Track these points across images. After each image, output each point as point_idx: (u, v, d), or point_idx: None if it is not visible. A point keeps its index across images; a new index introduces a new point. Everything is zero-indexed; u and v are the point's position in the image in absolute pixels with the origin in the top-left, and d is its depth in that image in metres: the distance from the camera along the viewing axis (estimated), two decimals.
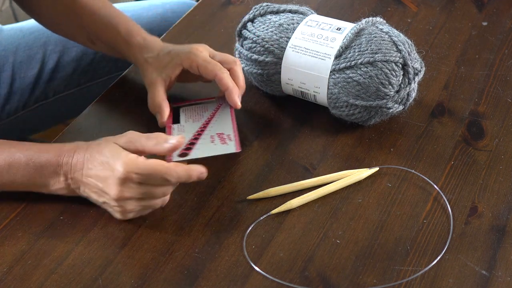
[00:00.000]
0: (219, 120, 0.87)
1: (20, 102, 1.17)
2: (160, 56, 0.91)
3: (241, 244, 0.77)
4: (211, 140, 0.83)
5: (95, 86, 1.21)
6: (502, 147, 0.89)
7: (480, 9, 1.14)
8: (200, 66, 0.88)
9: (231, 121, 0.87)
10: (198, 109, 0.91)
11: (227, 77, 0.87)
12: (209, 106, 0.91)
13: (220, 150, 0.81)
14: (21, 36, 1.19)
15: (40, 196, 0.82)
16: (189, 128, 0.86)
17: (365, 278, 0.74)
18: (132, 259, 0.76)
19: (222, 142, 0.83)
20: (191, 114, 0.90)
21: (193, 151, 0.82)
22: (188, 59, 0.88)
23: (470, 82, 1.00)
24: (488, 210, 0.81)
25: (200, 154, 0.81)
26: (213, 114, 0.89)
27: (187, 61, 0.88)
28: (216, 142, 0.83)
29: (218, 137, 0.84)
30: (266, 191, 0.82)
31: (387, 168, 0.86)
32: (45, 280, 0.74)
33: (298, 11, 0.95)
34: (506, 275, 0.74)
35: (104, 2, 0.99)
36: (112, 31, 0.96)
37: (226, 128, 0.85)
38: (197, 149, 0.82)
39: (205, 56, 0.88)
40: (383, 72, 0.85)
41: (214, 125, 0.86)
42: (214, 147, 0.82)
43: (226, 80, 0.87)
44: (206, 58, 0.88)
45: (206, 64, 0.87)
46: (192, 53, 0.88)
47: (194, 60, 0.88)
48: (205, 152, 0.81)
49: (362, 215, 0.80)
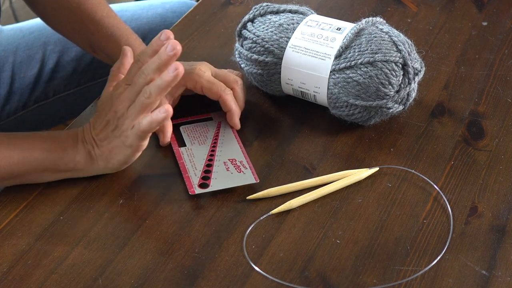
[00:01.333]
0: (226, 143, 0.88)
1: (20, 102, 1.18)
2: None
3: (241, 244, 0.77)
4: (226, 168, 0.84)
5: (95, 86, 1.21)
6: (502, 147, 0.89)
7: (480, 9, 1.14)
8: (205, 88, 0.89)
9: (238, 144, 0.88)
10: (199, 129, 0.91)
11: (230, 99, 0.89)
12: (209, 125, 0.92)
13: (239, 181, 0.83)
14: (20, 36, 1.19)
15: (40, 196, 0.82)
16: (198, 153, 0.87)
17: (365, 278, 0.74)
18: (132, 259, 0.76)
19: (238, 170, 0.84)
20: (194, 134, 0.90)
21: (212, 181, 0.83)
22: (192, 80, 0.89)
23: (470, 82, 1.00)
24: (488, 210, 0.81)
25: (220, 185, 0.82)
26: (217, 134, 0.90)
27: (191, 82, 0.89)
28: (232, 170, 0.84)
29: (231, 164, 0.85)
30: (266, 191, 0.82)
31: (387, 168, 0.86)
32: (45, 280, 0.74)
33: (298, 11, 0.95)
34: (506, 275, 0.74)
35: (108, 11, 0.99)
36: (113, 43, 0.96)
37: (236, 153, 0.87)
38: (215, 179, 0.83)
39: (209, 77, 0.89)
40: (383, 72, 0.85)
41: (223, 149, 0.88)
42: (232, 176, 0.83)
43: (229, 102, 0.89)
44: (210, 79, 0.89)
45: (210, 86, 0.89)
46: (195, 74, 0.89)
47: (198, 82, 0.89)
48: (225, 183, 0.82)
49: (362, 215, 0.80)
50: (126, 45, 0.95)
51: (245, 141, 0.90)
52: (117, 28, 0.97)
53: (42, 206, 0.82)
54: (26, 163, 0.80)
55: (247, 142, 0.90)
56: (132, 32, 0.98)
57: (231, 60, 0.98)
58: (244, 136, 0.91)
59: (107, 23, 0.97)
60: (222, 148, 0.88)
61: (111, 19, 0.98)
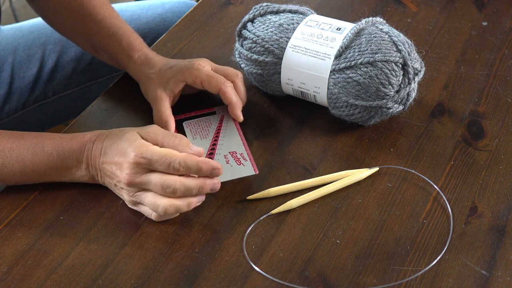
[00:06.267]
0: (227, 136, 0.89)
1: (19, 102, 1.17)
2: (162, 72, 0.91)
3: (241, 244, 0.77)
4: (226, 161, 0.84)
5: (95, 86, 1.21)
6: (502, 147, 0.89)
7: (480, 9, 1.14)
8: (204, 81, 0.89)
9: (239, 136, 0.88)
10: (201, 123, 0.91)
11: (230, 91, 0.89)
12: (212, 119, 0.92)
13: (238, 173, 0.83)
14: (20, 36, 1.19)
15: (40, 196, 0.82)
16: (200, 146, 0.87)
17: (365, 278, 0.74)
18: (132, 259, 0.76)
19: (238, 163, 0.84)
20: (196, 129, 0.90)
21: None
22: (191, 75, 0.89)
23: (470, 82, 1.00)
24: (488, 210, 0.81)
25: (220, 179, 0.82)
26: (219, 128, 0.90)
27: (190, 77, 0.89)
28: (232, 163, 0.84)
29: (232, 157, 0.85)
30: (266, 191, 0.82)
31: (387, 168, 0.86)
32: (45, 280, 0.74)
33: (298, 11, 0.95)
34: (506, 275, 0.74)
35: (110, 11, 1.00)
36: (114, 43, 0.97)
37: (237, 145, 0.87)
38: None
39: (208, 71, 0.89)
40: (383, 72, 0.85)
41: (224, 142, 0.88)
42: (231, 169, 0.83)
43: (230, 94, 0.89)
44: (209, 73, 0.89)
45: (210, 79, 0.89)
46: (195, 69, 0.89)
47: (198, 76, 0.89)
48: (224, 176, 0.82)
49: (362, 215, 0.80)
50: (127, 44, 0.95)
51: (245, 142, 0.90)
52: (119, 27, 0.97)
53: (42, 206, 0.82)
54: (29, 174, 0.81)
55: (247, 142, 0.90)
56: (133, 31, 0.98)
57: (231, 60, 0.98)
58: (244, 136, 0.90)
59: (109, 23, 0.98)
60: (223, 141, 0.88)
61: (113, 19, 0.98)
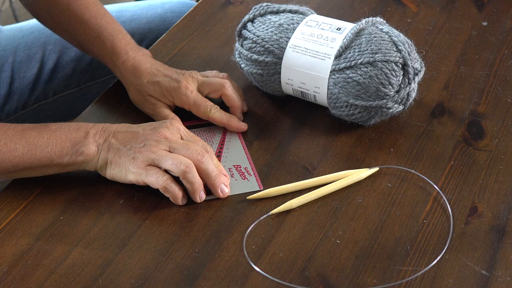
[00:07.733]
0: (232, 149, 0.89)
1: (19, 102, 1.17)
2: (149, 85, 0.91)
3: (241, 244, 0.77)
4: (230, 175, 0.85)
5: (95, 86, 1.21)
6: (502, 147, 0.89)
7: (480, 9, 1.14)
8: (192, 109, 0.91)
9: (243, 149, 0.88)
10: (205, 134, 0.91)
11: (218, 116, 0.91)
12: (216, 130, 0.92)
13: (243, 188, 0.83)
14: (20, 36, 1.19)
15: (40, 196, 0.82)
16: None
17: (365, 278, 0.74)
18: (132, 259, 0.76)
19: (243, 177, 0.85)
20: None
21: None
22: (180, 100, 0.91)
23: (470, 82, 1.00)
24: (488, 210, 0.81)
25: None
26: (223, 140, 0.90)
27: (179, 102, 0.91)
28: (237, 177, 0.85)
29: (236, 171, 0.85)
30: (266, 191, 0.82)
31: (387, 168, 0.86)
32: (45, 280, 0.74)
33: (298, 11, 0.95)
34: (506, 275, 0.74)
35: (96, 11, 0.98)
36: (99, 44, 0.96)
37: (241, 159, 0.87)
38: None
39: (195, 98, 0.91)
40: (383, 72, 0.85)
41: (229, 155, 0.88)
42: (236, 183, 0.84)
43: (219, 120, 0.91)
44: (196, 101, 0.91)
45: (197, 108, 0.91)
46: (183, 94, 0.90)
47: (185, 102, 0.91)
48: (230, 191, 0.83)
49: (362, 215, 0.80)
50: (111, 47, 0.94)
51: (245, 141, 0.90)
52: (104, 29, 0.96)
53: (42, 206, 0.82)
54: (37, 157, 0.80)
55: (247, 142, 0.90)
56: (119, 31, 0.96)
57: (231, 60, 0.98)
58: (244, 136, 0.91)
59: (94, 24, 0.96)
60: (227, 153, 0.88)
61: (98, 20, 0.96)
